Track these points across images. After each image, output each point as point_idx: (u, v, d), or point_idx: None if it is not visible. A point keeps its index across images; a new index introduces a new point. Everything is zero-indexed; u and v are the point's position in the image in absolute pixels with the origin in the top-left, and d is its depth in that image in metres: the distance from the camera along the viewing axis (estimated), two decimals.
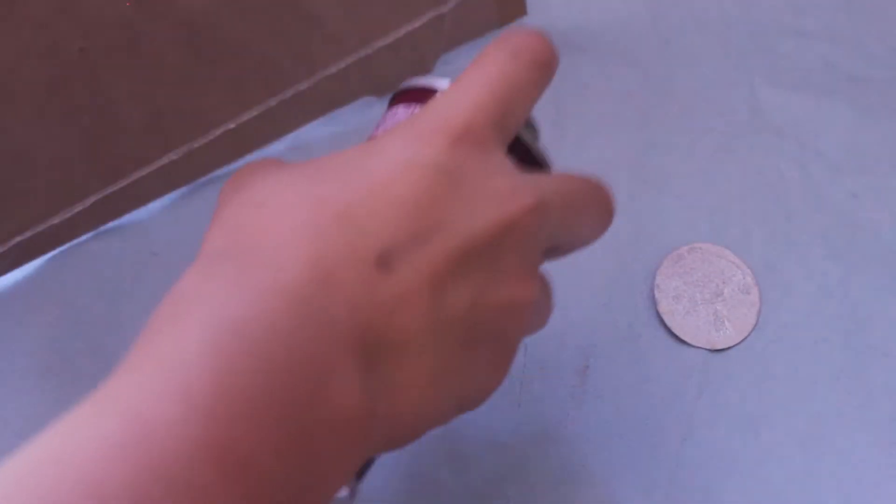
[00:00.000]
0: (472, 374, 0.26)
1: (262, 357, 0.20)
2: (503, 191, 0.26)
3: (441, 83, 0.32)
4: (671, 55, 0.65)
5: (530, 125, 0.34)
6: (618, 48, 0.65)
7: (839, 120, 0.61)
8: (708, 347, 0.53)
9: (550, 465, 0.49)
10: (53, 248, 0.55)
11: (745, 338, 0.53)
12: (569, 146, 0.60)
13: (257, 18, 0.49)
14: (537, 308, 0.28)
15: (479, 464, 0.49)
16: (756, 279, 0.55)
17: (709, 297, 0.54)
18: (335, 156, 0.26)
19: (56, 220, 0.52)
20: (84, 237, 0.56)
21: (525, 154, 0.32)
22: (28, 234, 0.52)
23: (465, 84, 0.28)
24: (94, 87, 0.47)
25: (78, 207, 0.53)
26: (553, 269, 0.56)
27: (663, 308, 0.54)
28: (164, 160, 0.54)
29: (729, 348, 0.53)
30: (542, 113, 0.64)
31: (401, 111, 0.31)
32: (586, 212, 0.31)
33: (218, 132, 0.54)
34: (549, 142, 0.61)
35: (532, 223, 0.26)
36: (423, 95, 0.31)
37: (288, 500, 0.20)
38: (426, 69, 0.61)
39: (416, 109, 0.31)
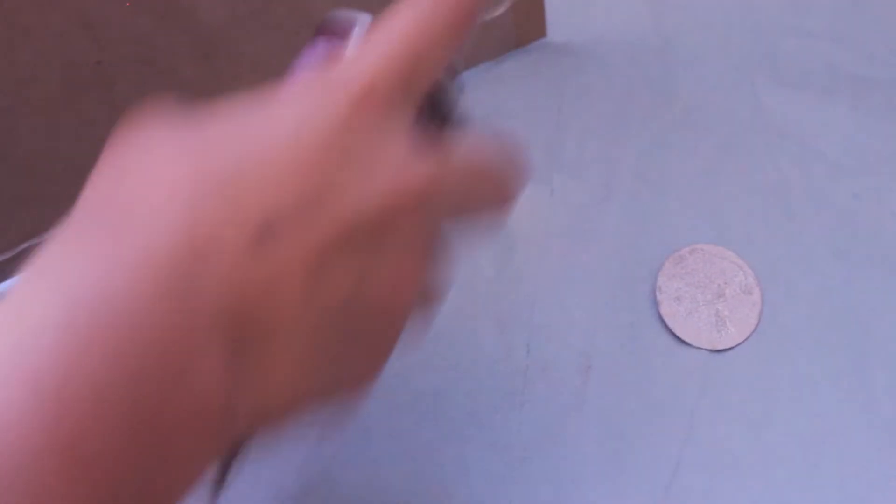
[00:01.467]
0: (347, 364, 0.24)
1: (118, 337, 0.19)
2: (397, 161, 0.24)
3: (363, 18, 0.29)
4: (672, 56, 0.65)
5: (451, 81, 0.31)
6: (619, 49, 0.65)
7: (841, 120, 0.61)
8: (709, 348, 0.53)
9: (552, 465, 0.50)
10: None
11: (747, 338, 0.53)
12: (570, 147, 0.60)
13: (273, 34, 0.49)
14: (424, 293, 0.26)
15: (482, 464, 0.50)
16: (758, 280, 0.55)
17: (710, 298, 0.54)
18: (229, 111, 0.24)
19: None
20: None
21: (439, 112, 0.29)
22: (36, 240, 0.52)
23: (375, 39, 0.25)
24: (108, 100, 0.47)
25: None
26: (553, 270, 0.57)
27: (665, 309, 0.54)
28: None
29: (730, 349, 0.53)
30: (545, 114, 0.65)
31: (320, 46, 0.30)
32: (490, 184, 0.28)
33: None
34: (549, 143, 0.62)
35: (422, 200, 0.24)
36: (344, 30, 0.29)
37: (137, 494, 0.19)
38: None
39: (335, 45, 0.29)
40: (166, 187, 0.21)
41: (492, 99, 0.62)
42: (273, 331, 0.21)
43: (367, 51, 0.25)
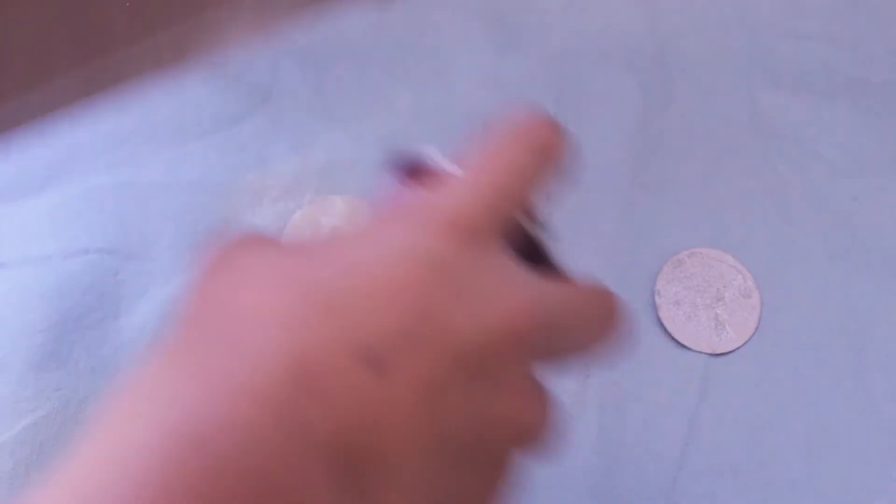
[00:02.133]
0: (460, 497, 0.23)
1: (221, 470, 0.18)
2: (503, 292, 0.23)
3: (450, 166, 0.29)
4: (670, 59, 0.65)
5: (538, 219, 0.31)
6: (616, 52, 0.65)
7: (839, 122, 0.61)
8: (709, 352, 0.53)
9: (551, 473, 0.49)
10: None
11: (746, 342, 0.53)
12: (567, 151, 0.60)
13: None
14: (537, 425, 0.25)
15: None
16: (757, 283, 0.55)
17: (709, 302, 0.54)
18: (328, 239, 0.24)
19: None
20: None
21: (529, 249, 0.29)
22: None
23: (471, 175, 0.26)
24: None
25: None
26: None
27: (664, 313, 0.54)
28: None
29: (730, 352, 0.53)
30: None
31: (405, 190, 0.29)
32: (588, 324, 0.28)
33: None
34: None
35: (531, 331, 0.23)
36: (429, 175, 0.29)
37: None
38: None
39: (420, 190, 0.28)
40: (273, 315, 0.21)
41: (490, 103, 0.62)
42: (385, 461, 0.20)
43: (463, 189, 0.25)
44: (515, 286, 0.24)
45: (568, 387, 0.52)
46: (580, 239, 0.57)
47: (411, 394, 0.21)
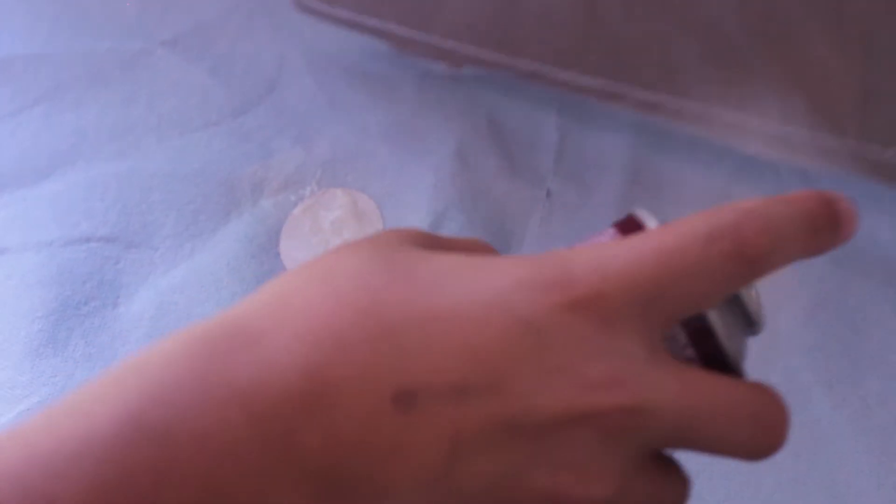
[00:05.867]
0: None
1: (167, 467, 0.19)
2: (595, 377, 0.21)
3: (651, 222, 0.25)
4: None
5: (738, 319, 0.26)
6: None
7: None
8: None
9: None
10: None
11: None
12: (568, 150, 0.60)
13: None
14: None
15: None
16: (754, 284, 0.54)
17: None
18: (453, 257, 0.23)
19: None
20: None
21: (711, 350, 0.25)
22: None
23: (629, 244, 0.22)
24: None
25: None
26: None
27: None
28: None
29: None
30: (545, 116, 0.65)
31: (607, 234, 0.27)
32: (725, 428, 0.23)
33: None
34: (547, 145, 0.62)
35: (617, 424, 0.21)
36: (631, 226, 0.26)
37: None
38: None
39: (618, 237, 0.26)
40: (314, 320, 0.20)
41: (492, 100, 0.62)
42: (382, 491, 0.20)
43: (611, 256, 0.22)
44: (618, 378, 0.21)
45: None
46: (578, 236, 0.57)
47: (434, 439, 0.20)
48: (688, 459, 0.50)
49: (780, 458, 0.50)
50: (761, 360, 0.53)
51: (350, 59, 0.65)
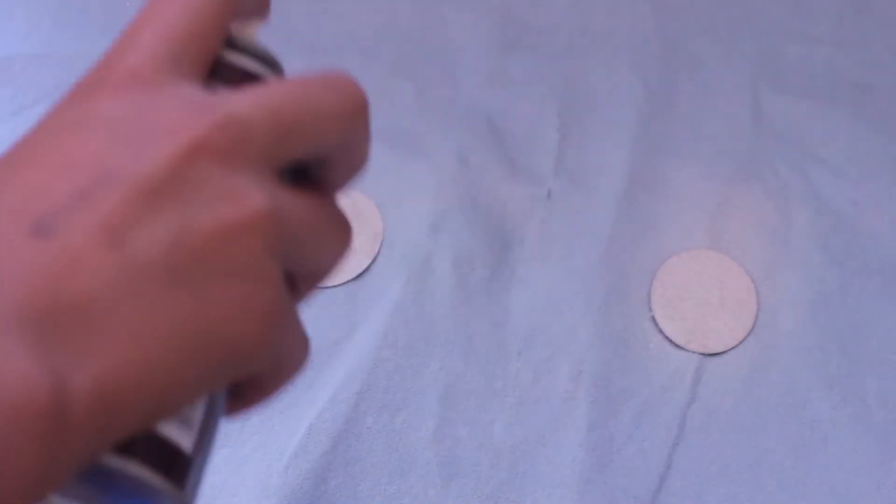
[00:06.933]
0: (208, 315, 0.22)
1: None
2: (177, 119, 0.23)
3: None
4: (675, 60, 0.65)
5: (244, 46, 0.29)
6: (622, 52, 0.65)
7: (842, 127, 0.61)
8: (702, 352, 0.53)
9: (542, 469, 0.50)
10: None
11: (740, 342, 0.53)
12: (569, 150, 0.60)
13: None
14: (281, 218, 0.24)
15: (471, 466, 0.50)
16: (754, 284, 0.55)
17: (705, 302, 0.54)
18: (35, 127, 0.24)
19: None
20: None
21: (238, 75, 0.28)
22: None
23: (133, 25, 0.25)
24: None
25: None
26: (548, 272, 0.57)
27: (658, 311, 0.54)
28: None
29: (723, 352, 0.53)
30: (546, 117, 0.65)
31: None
32: (319, 106, 0.26)
33: None
34: (548, 146, 0.62)
35: (223, 137, 0.23)
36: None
37: None
38: None
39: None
40: None
41: (493, 100, 0.62)
42: (88, 304, 0.20)
43: (124, 41, 0.25)
44: (193, 109, 0.23)
45: (560, 384, 0.52)
46: (578, 236, 0.57)
47: (87, 243, 0.21)
48: (687, 459, 0.50)
49: (781, 458, 0.50)
50: (757, 359, 0.53)
51: (350, 60, 0.65)
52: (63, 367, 0.19)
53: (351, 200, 0.59)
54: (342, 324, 0.54)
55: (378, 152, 0.64)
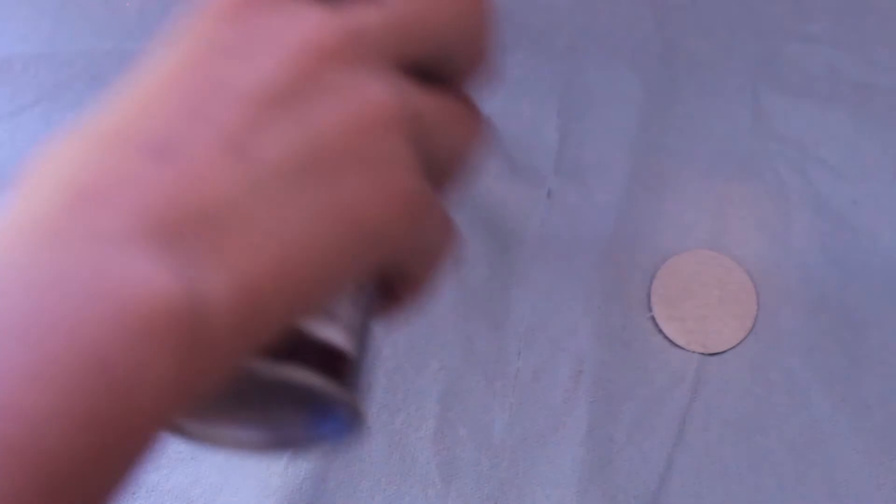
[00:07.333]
0: (343, 203, 0.22)
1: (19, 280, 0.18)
2: (289, 27, 0.23)
3: None
4: (675, 59, 0.65)
5: None
6: (622, 52, 0.65)
7: (842, 127, 0.61)
8: (702, 351, 0.53)
9: (542, 469, 0.50)
10: None
11: (740, 342, 0.53)
12: (569, 149, 0.60)
13: None
14: (408, 106, 0.24)
15: (471, 465, 0.50)
16: (754, 284, 0.55)
17: (705, 301, 0.54)
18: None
19: None
20: None
21: None
22: None
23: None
24: None
25: None
26: (548, 272, 0.57)
27: (658, 311, 0.54)
28: None
29: (724, 352, 0.53)
30: (546, 117, 0.65)
31: None
32: (438, 5, 0.26)
33: None
34: (548, 145, 0.62)
35: (341, 38, 0.23)
36: None
37: (110, 456, 0.18)
38: None
39: None
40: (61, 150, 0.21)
41: (493, 100, 0.62)
42: (216, 222, 0.20)
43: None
44: (310, 20, 0.23)
45: (560, 384, 0.52)
46: (578, 235, 0.57)
47: (212, 156, 0.21)
48: (686, 459, 0.50)
49: (780, 458, 0.50)
50: (758, 358, 0.53)
51: None
52: (197, 276, 0.19)
53: None
54: None
55: None
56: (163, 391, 0.18)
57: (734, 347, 0.53)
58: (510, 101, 0.62)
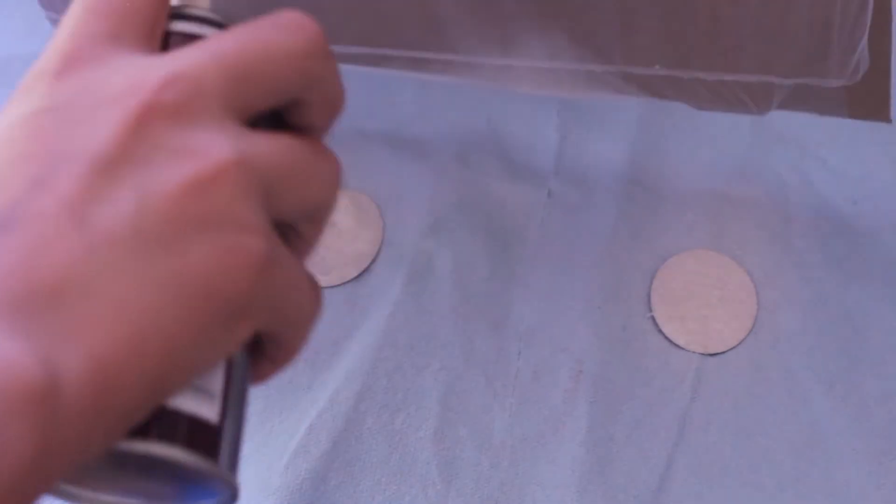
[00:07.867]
0: (189, 272, 0.21)
1: None
2: (122, 87, 0.22)
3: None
4: None
5: (200, 15, 0.28)
6: None
7: (842, 126, 0.61)
8: (702, 352, 0.53)
9: (542, 469, 0.50)
10: None
11: (740, 342, 0.53)
12: (568, 149, 0.60)
13: None
14: (250, 162, 0.23)
15: (471, 466, 0.50)
16: (753, 284, 0.55)
17: (704, 302, 0.54)
18: None
19: None
20: None
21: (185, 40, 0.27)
22: None
23: (67, 13, 0.25)
24: None
25: None
26: (548, 272, 0.57)
27: (658, 311, 0.54)
28: None
29: (723, 352, 0.53)
30: (545, 117, 0.65)
31: None
32: (270, 48, 0.25)
33: None
34: (547, 145, 0.62)
35: (172, 94, 0.22)
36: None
37: None
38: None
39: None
40: None
41: (493, 100, 0.62)
42: (63, 283, 0.20)
43: (63, 29, 0.25)
44: (140, 73, 0.23)
45: (560, 384, 0.52)
46: (577, 236, 0.57)
47: (53, 227, 0.20)
48: (686, 458, 0.50)
49: (780, 458, 0.50)
50: (757, 358, 0.53)
51: None
52: (51, 351, 0.19)
53: (351, 200, 0.59)
54: (342, 324, 0.54)
55: (378, 152, 0.64)
56: (23, 469, 0.18)
57: (734, 348, 0.53)
58: (510, 101, 0.62)
